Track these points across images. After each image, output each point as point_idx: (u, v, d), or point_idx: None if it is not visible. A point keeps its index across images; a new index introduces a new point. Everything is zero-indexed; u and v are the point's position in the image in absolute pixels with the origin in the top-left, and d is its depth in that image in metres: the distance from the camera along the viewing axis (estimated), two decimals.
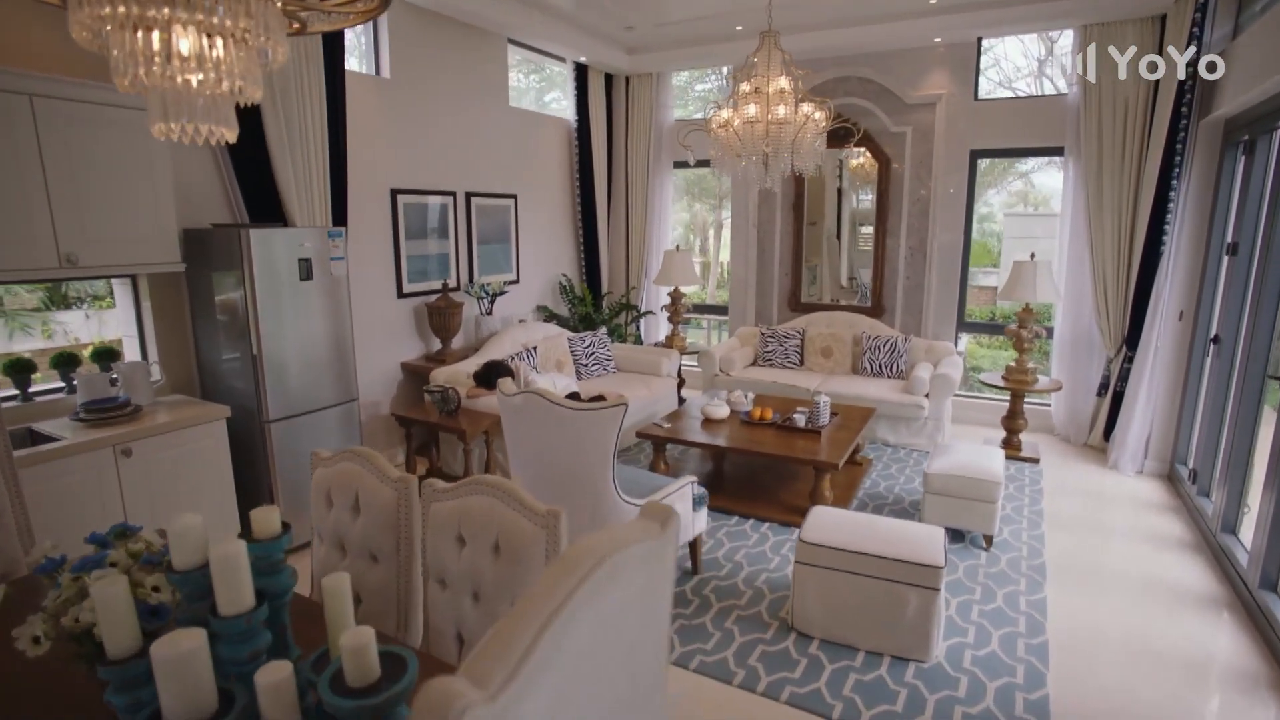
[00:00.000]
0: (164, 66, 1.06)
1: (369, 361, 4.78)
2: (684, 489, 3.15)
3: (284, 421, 3.54)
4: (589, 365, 5.66)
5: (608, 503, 2.83)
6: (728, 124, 4.13)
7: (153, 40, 1.04)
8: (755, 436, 4.20)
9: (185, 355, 3.70)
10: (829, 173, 6.13)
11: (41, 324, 4.66)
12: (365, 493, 1.96)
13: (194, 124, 1.16)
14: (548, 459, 2.92)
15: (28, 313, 4.61)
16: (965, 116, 5.51)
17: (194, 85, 1.09)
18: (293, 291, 3.51)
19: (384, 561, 1.94)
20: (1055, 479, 4.68)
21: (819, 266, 6.44)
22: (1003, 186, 9.29)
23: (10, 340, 4.47)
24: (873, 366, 5.63)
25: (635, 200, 6.98)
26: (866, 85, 5.77)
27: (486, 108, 5.50)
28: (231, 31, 1.08)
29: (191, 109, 1.13)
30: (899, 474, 4.71)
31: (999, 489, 3.55)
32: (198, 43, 1.07)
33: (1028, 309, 4.89)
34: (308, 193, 4.00)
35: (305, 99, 3.91)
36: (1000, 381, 5.00)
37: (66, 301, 4.36)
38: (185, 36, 1.06)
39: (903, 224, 5.85)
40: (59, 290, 4.20)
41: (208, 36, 1.07)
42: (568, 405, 2.78)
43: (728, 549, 3.67)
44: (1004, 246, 9.37)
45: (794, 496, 4.20)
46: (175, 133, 1.20)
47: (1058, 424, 5.55)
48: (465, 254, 5.47)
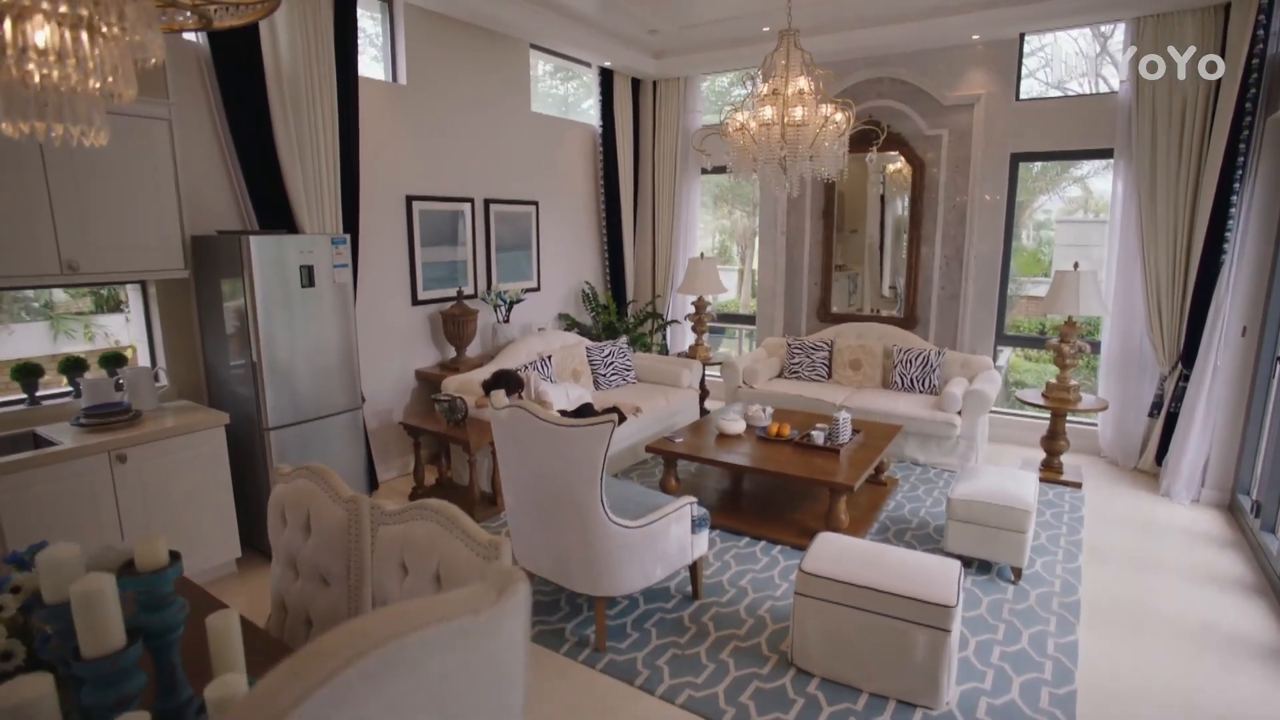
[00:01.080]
0: (18, 59, 0.97)
1: (382, 369, 4.76)
2: (682, 510, 2.99)
3: (284, 429, 3.52)
4: (608, 375, 5.54)
5: (595, 524, 2.69)
6: (743, 127, 3.96)
7: (4, 30, 0.97)
8: (769, 454, 4.01)
9: (193, 361, 3.73)
10: (872, 179, 5.87)
11: (84, 327, 4.80)
12: (316, 512, 1.87)
13: (46, 124, 1.08)
14: (535, 476, 2.80)
15: (72, 316, 4.75)
16: (1005, 118, 5.21)
17: (54, 79, 1.01)
18: (294, 298, 3.48)
19: (334, 585, 1.85)
20: (1098, 506, 4.33)
21: (860, 275, 6.20)
22: (1057, 192, 8.84)
23: (55, 342, 4.61)
24: (903, 381, 5.36)
25: (662, 207, 6.85)
26: (900, 86, 5.52)
27: (507, 113, 5.46)
28: (97, 25, 0.99)
29: (41, 107, 1.05)
30: (926, 496, 4.44)
31: (1029, 518, 3.28)
32: (57, 36, 0.99)
33: (1070, 322, 4.56)
34: (318, 200, 3.99)
35: (315, 106, 3.90)
36: (1039, 399, 4.67)
37: (117, 304, 4.46)
38: (42, 28, 0.98)
39: (938, 231, 5.56)
40: (104, 294, 4.30)
41: (71, 29, 0.99)
42: (552, 421, 2.65)
43: (734, 572, 3.48)
44: (1055, 255, 8.91)
45: (810, 518, 3.99)
46: (26, 131, 1.12)
47: (1105, 445, 5.17)
48: (483, 261, 5.42)
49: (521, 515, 2.94)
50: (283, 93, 3.76)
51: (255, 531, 3.65)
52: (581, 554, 2.77)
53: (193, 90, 3.57)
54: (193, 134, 3.59)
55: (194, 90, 3.57)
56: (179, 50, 3.48)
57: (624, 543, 2.75)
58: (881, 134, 4.51)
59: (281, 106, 3.76)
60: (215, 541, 3.37)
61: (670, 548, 2.94)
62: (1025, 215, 9.25)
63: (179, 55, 3.48)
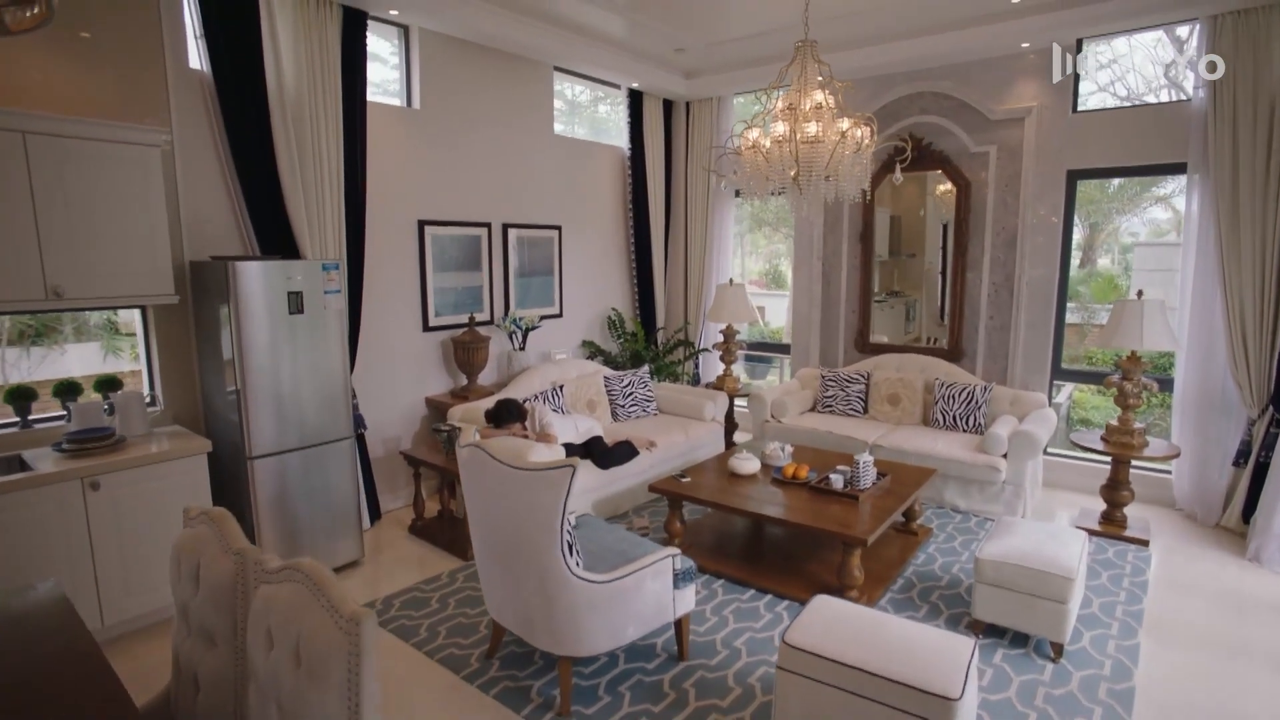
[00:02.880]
0: None
1: (392, 396, 4.68)
2: (661, 564, 2.70)
3: (269, 458, 3.43)
4: (626, 406, 5.31)
5: (556, 578, 2.44)
6: (755, 145, 3.70)
7: None
8: (780, 498, 3.67)
9: (190, 387, 3.71)
10: (930, 200, 5.44)
11: (131, 347, 4.94)
12: (206, 562, 1.70)
13: None
14: (496, 521, 2.58)
15: (124, 336, 4.90)
16: (1061, 132, 4.74)
17: None
18: (282, 325, 3.42)
19: (221, 646, 1.67)
20: (1168, 570, 3.77)
21: (918, 302, 5.77)
22: (1137, 213, 8.13)
23: (104, 362, 4.75)
24: (945, 418, 4.90)
25: (695, 231, 6.61)
26: (943, 101, 5.14)
27: (528, 137, 5.37)
28: None
29: None
30: (962, 549, 3.98)
31: (1071, 587, 2.82)
32: None
33: (1134, 357, 4.04)
34: (320, 224, 3.95)
35: (320, 130, 3.88)
36: (1098, 443, 4.14)
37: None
38: None
39: (985, 256, 5.11)
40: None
41: None
42: (509, 463, 2.43)
43: (730, 630, 3.16)
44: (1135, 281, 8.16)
45: (825, 569, 3.61)
46: None
47: (1180, 497, 4.55)
48: (501, 287, 5.31)
49: (487, 562, 2.73)
50: (285, 116, 3.75)
51: None
52: (543, 609, 2.52)
53: (195, 115, 3.59)
54: (195, 158, 3.61)
55: (197, 114, 3.60)
56: (182, 76, 3.52)
57: (588, 599, 2.48)
58: (908, 151, 4.14)
59: (284, 130, 3.75)
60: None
61: (645, 605, 2.65)
62: (1100, 239, 8.57)
63: (182, 81, 3.52)
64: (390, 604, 3.43)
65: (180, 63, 3.53)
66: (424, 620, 3.27)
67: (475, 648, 3.03)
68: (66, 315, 3.82)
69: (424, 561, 3.92)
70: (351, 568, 3.86)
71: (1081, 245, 8.30)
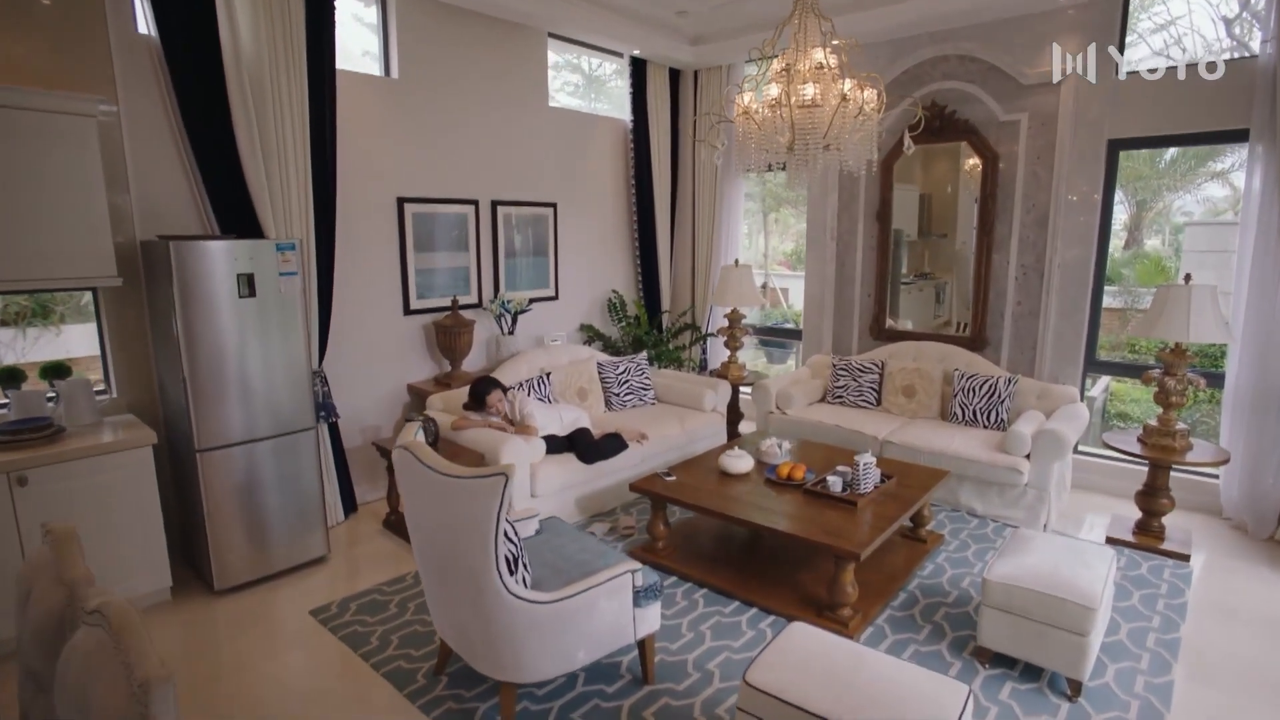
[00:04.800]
0: None
1: (370, 383, 4.46)
2: (617, 581, 2.41)
3: (218, 451, 3.23)
4: (621, 395, 5.01)
5: (491, 597, 2.17)
6: (747, 111, 3.33)
7: None
8: (770, 502, 3.35)
9: (146, 375, 3.52)
10: (963, 179, 4.97)
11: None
12: (37, 594, 1.46)
13: None
14: (430, 533, 2.32)
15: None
16: (1102, 96, 4.24)
17: None
18: (230, 309, 3.19)
19: (46, 695, 1.43)
20: (1211, 590, 3.35)
21: (949, 285, 5.34)
22: (1191, 189, 7.47)
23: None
24: (964, 413, 4.49)
25: (703, 209, 6.24)
26: (970, 65, 4.66)
27: (521, 108, 5.05)
28: None
29: None
30: (976, 559, 3.61)
31: (1093, 618, 2.45)
32: None
33: (1179, 350, 3.59)
34: (284, 202, 3.71)
35: (282, 100, 3.62)
36: (1134, 445, 3.71)
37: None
38: None
39: (1013, 236, 4.65)
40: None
41: None
42: (438, 471, 2.16)
43: (705, 650, 2.86)
44: (1185, 264, 7.52)
45: (817, 580, 3.27)
46: None
47: (1228, 505, 4.10)
48: (490, 268, 5.04)
49: (427, 575, 2.47)
50: (243, 85, 3.49)
51: (198, 559, 3.40)
52: (480, 630, 2.26)
53: (144, 84, 3.36)
54: (146, 131, 3.39)
55: (146, 84, 3.36)
56: (128, 41, 3.28)
57: (529, 621, 2.21)
58: (918, 116, 3.70)
59: (242, 100, 3.49)
60: (140, 569, 3.12)
61: (598, 627, 2.37)
62: (1148, 218, 7.92)
63: (128, 47, 3.28)
64: (346, 607, 3.21)
65: (126, 27, 3.29)
66: (378, 627, 3.05)
67: (426, 660, 2.80)
68: (61, 295, 3.62)
69: (393, 559, 3.71)
70: (317, 565, 3.66)
71: (1127, 225, 7.68)
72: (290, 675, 2.76)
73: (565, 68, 6.00)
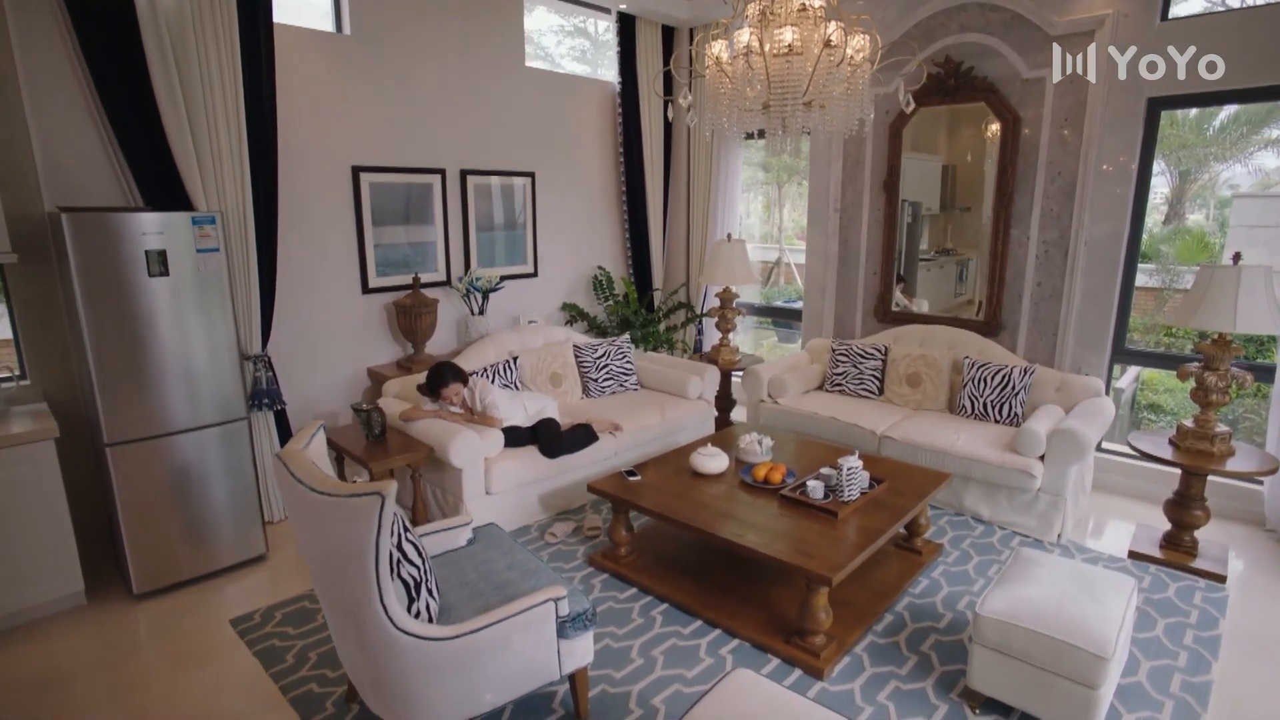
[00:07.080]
0: None
1: (324, 367, 4.17)
2: (536, 611, 2.06)
3: (129, 445, 2.94)
4: (599, 381, 4.64)
5: (376, 632, 1.84)
6: (718, 63, 2.90)
7: None
8: (741, 510, 2.97)
9: (64, 361, 3.25)
10: (988, 148, 4.47)
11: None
12: None
13: None
14: (314, 555, 1.99)
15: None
16: (1144, 47, 3.70)
17: None
18: (138, 290, 2.88)
19: None
20: (1251, 620, 2.91)
21: (971, 261, 4.87)
22: (1242, 159, 6.79)
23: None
24: (974, 405, 4.05)
25: (698, 179, 5.79)
26: (990, 14, 4.12)
27: (493, 70, 4.64)
28: None
29: None
30: (977, 575, 3.20)
31: (1105, 668, 2.05)
32: None
33: (1223, 341, 3.11)
34: (215, 170, 3.37)
35: (208, 58, 3.26)
36: (1165, 450, 3.26)
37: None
38: None
39: (1035, 209, 4.15)
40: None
41: None
42: (309, 486, 1.82)
43: (654, 680, 2.52)
44: (1228, 239, 6.86)
45: (791, 598, 2.90)
46: None
47: (1272, 515, 3.62)
48: (460, 243, 4.68)
49: (323, 600, 2.15)
50: (162, 40, 3.14)
51: (116, 561, 3.14)
52: (367, 669, 1.94)
53: (45, 37, 3.03)
54: (49, 91, 3.07)
55: (48, 37, 3.03)
56: None
57: (423, 660, 1.88)
58: (913, 66, 3.20)
59: (160, 56, 3.15)
60: (49, 572, 2.87)
61: (512, 665, 2.03)
62: (1191, 190, 7.25)
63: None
64: (271, 615, 2.93)
65: None
66: (298, 641, 2.76)
67: (340, 684, 2.50)
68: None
69: None
70: (256, 564, 3.39)
71: (1168, 199, 7.03)
72: (187, 696, 2.48)
73: (574, 32, 5.57)
